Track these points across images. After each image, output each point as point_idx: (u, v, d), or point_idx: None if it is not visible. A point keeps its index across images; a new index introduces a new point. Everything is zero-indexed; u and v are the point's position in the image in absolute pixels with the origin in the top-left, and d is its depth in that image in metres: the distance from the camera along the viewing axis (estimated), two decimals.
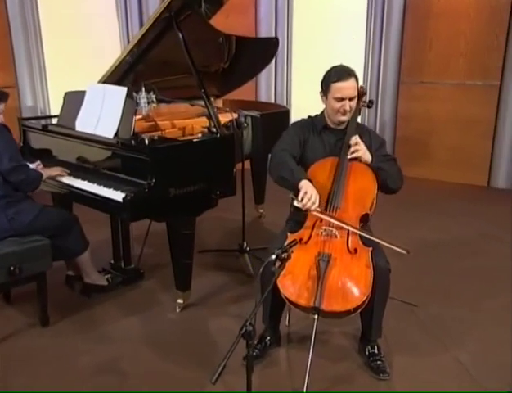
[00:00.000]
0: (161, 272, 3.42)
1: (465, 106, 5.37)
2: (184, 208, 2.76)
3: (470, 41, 5.24)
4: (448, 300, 3.10)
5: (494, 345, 2.66)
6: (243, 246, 3.59)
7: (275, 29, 5.86)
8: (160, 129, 3.35)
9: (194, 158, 2.78)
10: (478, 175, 5.44)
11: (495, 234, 4.14)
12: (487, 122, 5.31)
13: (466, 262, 3.63)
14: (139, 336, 2.77)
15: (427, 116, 5.54)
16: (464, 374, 2.42)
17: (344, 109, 2.42)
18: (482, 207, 4.83)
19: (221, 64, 3.88)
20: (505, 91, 5.17)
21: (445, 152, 5.54)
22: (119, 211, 2.65)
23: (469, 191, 5.28)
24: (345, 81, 2.38)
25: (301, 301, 2.19)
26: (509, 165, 5.29)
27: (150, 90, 3.46)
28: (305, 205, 2.23)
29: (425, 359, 2.53)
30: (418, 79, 5.53)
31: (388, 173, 2.45)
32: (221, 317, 2.92)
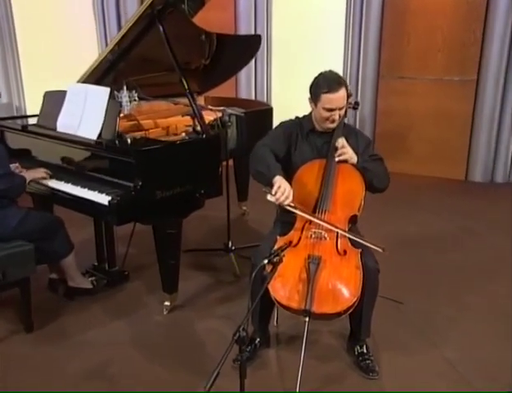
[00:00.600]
0: (146, 273, 3.39)
1: (443, 101, 5.43)
2: (171, 210, 2.72)
3: (448, 36, 5.29)
4: (432, 296, 3.14)
5: (478, 340, 2.71)
6: (228, 245, 3.57)
7: (254, 25, 5.82)
8: (143, 129, 3.31)
9: (180, 159, 2.75)
10: (456, 169, 5.52)
11: (473, 228, 4.21)
12: (464, 117, 5.39)
13: (447, 257, 3.69)
14: (127, 339, 2.73)
15: (406, 111, 5.59)
16: (451, 371, 2.45)
17: (333, 118, 2.42)
18: (461, 201, 4.91)
19: (202, 60, 3.84)
20: (481, 86, 5.24)
21: (424, 147, 5.60)
22: (105, 215, 2.61)
23: (448, 185, 5.35)
24: (335, 92, 2.37)
25: (292, 304, 2.20)
26: (485, 159, 5.38)
27: (132, 88, 3.42)
28: (278, 199, 2.21)
29: (413, 356, 2.56)
30: (397, 74, 5.57)
31: (373, 173, 2.46)
32: (208, 318, 2.90)
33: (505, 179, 5.39)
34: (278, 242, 2.32)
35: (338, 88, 2.39)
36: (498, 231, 4.13)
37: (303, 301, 2.16)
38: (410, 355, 2.57)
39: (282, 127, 2.60)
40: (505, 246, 3.86)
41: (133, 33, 3.13)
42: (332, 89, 2.39)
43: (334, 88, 2.39)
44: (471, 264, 3.57)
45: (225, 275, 3.38)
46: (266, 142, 2.49)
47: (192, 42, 3.60)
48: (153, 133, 3.24)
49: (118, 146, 2.69)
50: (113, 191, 2.61)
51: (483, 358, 2.56)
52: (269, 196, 2.22)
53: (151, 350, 2.65)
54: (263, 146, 2.45)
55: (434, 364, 2.50)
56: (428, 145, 5.57)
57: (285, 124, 2.62)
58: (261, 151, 2.42)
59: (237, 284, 3.28)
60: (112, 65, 3.35)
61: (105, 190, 2.65)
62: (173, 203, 2.71)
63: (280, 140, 2.52)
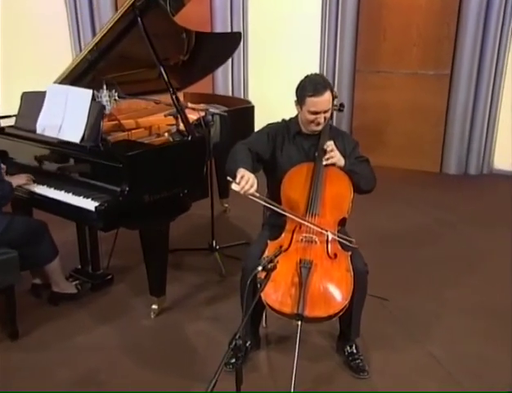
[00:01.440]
0: (130, 275, 3.36)
1: (419, 94, 5.50)
2: (158, 214, 2.70)
3: (423, 32, 5.35)
4: (414, 291, 3.21)
5: (460, 336, 2.78)
6: (213, 245, 3.56)
7: (230, 19, 5.78)
8: (125, 129, 3.25)
9: (167, 163, 2.72)
10: (431, 162, 5.61)
11: (449, 221, 4.30)
12: (438, 110, 5.47)
13: (425, 251, 3.76)
14: (115, 345, 2.71)
15: (382, 105, 5.64)
16: (437, 368, 2.52)
17: (318, 122, 2.43)
18: (436, 193, 5.00)
19: (180, 56, 3.80)
20: (455, 80, 5.32)
21: (399, 140, 5.67)
22: (92, 221, 2.56)
23: (423, 178, 5.44)
24: (320, 96, 2.38)
25: (284, 309, 2.21)
26: (459, 152, 5.48)
27: (112, 87, 3.36)
28: (243, 188, 2.20)
29: (400, 354, 2.61)
30: (373, 68, 5.61)
31: (361, 175, 2.49)
32: (196, 321, 2.89)
33: (477, 171, 5.51)
34: (269, 247, 2.32)
35: (323, 91, 2.40)
36: (473, 223, 4.23)
37: (295, 305, 2.17)
38: (398, 353, 2.62)
39: (268, 128, 2.60)
40: (479, 238, 3.96)
41: (114, 32, 3.07)
42: (317, 92, 2.39)
43: (319, 91, 2.39)
44: (449, 258, 3.65)
45: (211, 275, 3.38)
46: (246, 141, 2.51)
47: (171, 38, 3.56)
48: (135, 134, 3.19)
49: (104, 150, 2.64)
50: (99, 196, 2.57)
51: (466, 353, 2.63)
52: (233, 184, 2.20)
53: (141, 355, 2.63)
54: (241, 145, 2.48)
55: (421, 361, 2.56)
56: (403, 138, 5.64)
57: (271, 125, 2.62)
58: (237, 148, 2.44)
59: (223, 284, 3.28)
60: (91, 64, 3.29)
61: (90, 195, 2.60)
62: (161, 207, 2.69)
63: (263, 141, 2.53)
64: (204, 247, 3.60)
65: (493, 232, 4.06)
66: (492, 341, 2.72)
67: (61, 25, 5.82)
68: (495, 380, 2.43)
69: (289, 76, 5.83)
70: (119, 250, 3.39)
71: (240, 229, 4.10)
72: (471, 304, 3.06)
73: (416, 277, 3.38)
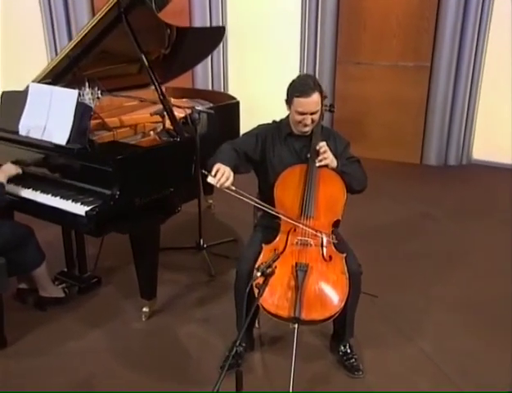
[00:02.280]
0: (118, 276, 3.34)
1: (399, 86, 5.55)
2: (149, 217, 2.69)
3: (402, 22, 5.38)
4: (401, 287, 3.27)
5: (448, 331, 2.86)
6: (200, 243, 3.56)
7: (209, 11, 5.72)
8: (109, 127, 3.20)
9: (157, 165, 2.71)
10: (411, 153, 5.69)
11: (432, 214, 4.38)
12: (419, 102, 5.54)
13: (411, 245, 3.83)
14: (107, 349, 2.70)
15: (363, 97, 5.68)
16: (429, 364, 2.59)
17: (305, 123, 2.45)
18: (418, 186, 5.08)
19: (161, 50, 3.75)
20: (435, 72, 5.38)
21: (380, 132, 5.73)
22: (81, 226, 2.53)
23: (404, 169, 5.52)
24: (307, 97, 2.39)
25: (280, 312, 2.23)
26: (439, 144, 5.57)
27: (94, 84, 3.31)
28: (219, 181, 2.22)
29: (392, 351, 2.67)
30: (354, 59, 5.64)
31: (352, 176, 2.52)
32: (188, 323, 2.90)
33: (457, 162, 5.61)
34: (264, 251, 2.34)
35: (310, 92, 2.41)
36: (455, 217, 4.32)
37: (291, 309, 2.20)
38: (390, 350, 2.68)
39: (257, 130, 2.61)
40: (461, 232, 4.04)
41: (98, 29, 3.02)
42: (304, 93, 2.40)
43: (307, 92, 2.41)
44: (434, 252, 3.73)
45: (200, 275, 3.38)
46: (233, 141, 2.54)
47: (153, 32, 3.51)
48: (121, 134, 3.15)
49: (92, 153, 2.60)
50: (88, 200, 2.54)
51: (455, 349, 2.70)
52: (209, 177, 2.22)
53: (134, 359, 2.63)
54: (226, 144, 2.51)
55: (413, 359, 2.62)
56: (384, 130, 5.70)
57: (261, 127, 2.63)
58: (221, 147, 2.47)
59: (213, 284, 3.29)
60: (72, 61, 3.23)
61: (79, 199, 2.57)
62: (151, 209, 2.67)
63: (251, 142, 2.54)
64: (192, 246, 3.59)
65: (475, 225, 4.15)
66: (479, 335, 2.81)
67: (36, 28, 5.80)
68: (484, 375, 2.51)
69: (270, 68, 5.92)
70: (105, 250, 3.35)
71: (227, 226, 4.10)
72: (457, 300, 3.14)
73: (403, 273, 3.44)
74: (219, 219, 4.23)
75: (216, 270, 3.38)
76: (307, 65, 5.75)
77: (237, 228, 4.01)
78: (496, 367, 2.57)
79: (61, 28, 5.79)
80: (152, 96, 4.00)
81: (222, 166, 2.26)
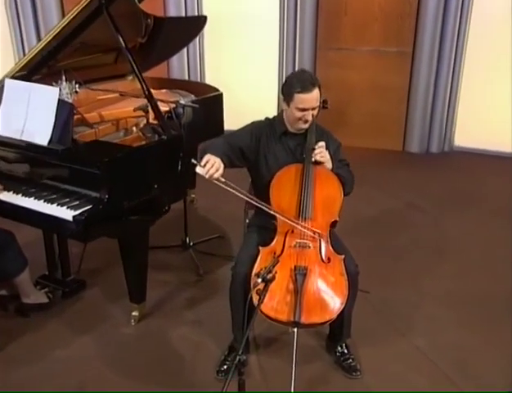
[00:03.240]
0: (103, 278, 3.31)
1: (380, 73, 5.59)
2: (138, 219, 2.66)
3: (384, 7, 5.41)
4: (392, 281, 3.34)
5: (440, 325, 2.93)
6: (186, 241, 3.55)
7: None
8: (89, 124, 3.15)
9: (145, 165, 2.68)
10: (394, 140, 5.76)
11: (418, 204, 4.46)
12: (401, 88, 5.59)
13: (399, 238, 3.91)
14: (97, 356, 2.69)
15: (344, 83, 5.70)
16: (425, 360, 2.66)
17: (306, 119, 2.45)
18: (402, 174, 5.16)
19: (138, 39, 3.69)
20: (417, 58, 5.44)
21: (362, 119, 5.77)
22: (69, 231, 2.49)
23: (387, 157, 5.59)
24: (309, 92, 2.40)
25: (280, 316, 2.25)
26: (421, 130, 5.65)
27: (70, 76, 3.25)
28: (208, 171, 2.22)
29: (388, 349, 2.74)
30: (334, 45, 5.64)
31: (345, 179, 2.55)
32: (179, 326, 2.90)
33: (439, 149, 5.72)
34: (262, 255, 2.35)
35: (311, 88, 2.42)
36: (441, 207, 4.41)
37: (291, 313, 2.22)
38: (386, 348, 2.74)
39: (252, 127, 2.60)
40: (449, 223, 4.14)
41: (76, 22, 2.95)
42: (306, 89, 2.41)
43: (308, 87, 2.41)
44: (423, 245, 3.81)
45: (187, 274, 3.37)
46: (227, 135, 2.55)
47: (129, 21, 3.45)
48: (103, 131, 3.10)
49: (78, 154, 2.56)
50: (74, 204, 2.50)
51: (448, 343, 2.79)
52: (198, 168, 2.21)
53: (125, 365, 2.63)
54: (221, 137, 2.52)
55: (409, 356, 2.69)
56: (366, 117, 5.74)
57: (256, 124, 2.62)
58: (214, 140, 2.48)
59: (202, 284, 3.29)
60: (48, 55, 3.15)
61: (64, 202, 2.53)
62: (140, 211, 2.65)
63: (246, 138, 2.54)
64: (177, 244, 3.58)
65: (462, 215, 4.24)
66: (470, 328, 2.90)
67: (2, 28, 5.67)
68: (479, 369, 2.60)
69: (247, 56, 5.88)
70: (88, 250, 3.32)
71: (211, 221, 4.10)
72: (448, 293, 3.23)
73: (392, 267, 3.51)
74: (203, 214, 4.22)
75: (204, 269, 3.38)
76: (286, 52, 5.74)
77: (222, 224, 4.01)
78: (491, 360, 2.66)
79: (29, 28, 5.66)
80: (129, 87, 3.97)
81: (212, 157, 2.26)
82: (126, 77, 3.95)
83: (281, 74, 5.90)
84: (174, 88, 4.13)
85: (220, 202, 4.21)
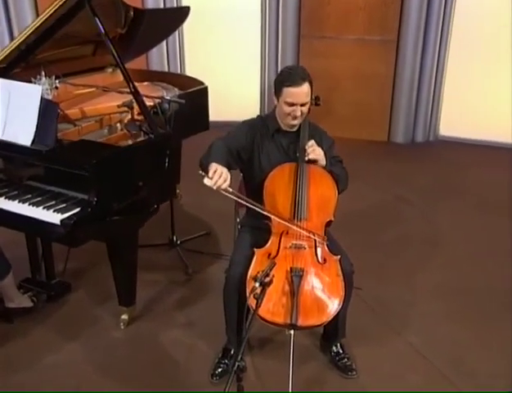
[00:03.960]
0: (88, 279, 3.30)
1: (365, 61, 5.62)
2: (127, 221, 2.65)
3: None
4: (383, 277, 3.39)
5: (433, 321, 3.00)
6: (173, 240, 3.55)
7: None
8: (71, 120, 3.11)
9: (134, 165, 2.67)
10: (379, 131, 5.82)
11: (406, 197, 4.52)
12: (385, 77, 5.64)
13: (388, 232, 3.96)
14: (87, 362, 2.68)
15: (328, 72, 5.71)
16: (420, 359, 2.71)
17: (295, 115, 2.46)
18: (389, 165, 5.21)
19: (118, 29, 3.65)
20: (402, 46, 5.49)
21: (347, 109, 5.80)
22: (56, 236, 2.46)
23: (372, 148, 5.64)
24: (298, 87, 2.40)
25: (276, 319, 2.27)
26: (406, 120, 5.71)
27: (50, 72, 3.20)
28: (216, 183, 2.21)
29: (382, 347, 2.79)
30: (318, 33, 5.65)
31: (339, 177, 2.57)
32: (171, 328, 2.91)
33: (424, 139, 5.79)
34: (257, 257, 2.36)
35: (301, 82, 2.43)
36: (428, 199, 4.48)
37: (288, 315, 2.24)
38: (380, 346, 2.79)
39: (245, 126, 2.59)
40: (437, 216, 4.21)
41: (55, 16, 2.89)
42: (295, 83, 2.42)
43: (297, 82, 2.42)
44: (412, 239, 3.88)
45: (176, 274, 3.37)
46: (224, 138, 2.51)
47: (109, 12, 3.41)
48: (86, 128, 3.06)
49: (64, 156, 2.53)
50: (61, 207, 2.48)
51: (443, 339, 2.85)
52: (206, 179, 2.21)
53: (117, 370, 2.63)
54: (218, 141, 2.48)
55: (404, 354, 2.75)
56: (350, 107, 5.78)
57: (249, 123, 2.62)
58: (213, 144, 2.44)
59: (191, 284, 3.30)
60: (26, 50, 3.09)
61: (51, 205, 2.50)
62: (129, 212, 2.64)
63: (243, 138, 2.53)
64: (164, 243, 3.58)
65: (450, 208, 4.32)
66: (464, 324, 2.96)
67: None
68: (474, 366, 2.66)
69: (229, 46, 5.84)
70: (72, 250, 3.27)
71: (197, 218, 4.09)
72: (439, 288, 3.29)
73: (384, 262, 3.56)
74: (188, 211, 4.20)
75: (192, 268, 3.39)
76: (268, 41, 5.74)
77: (209, 220, 4.02)
78: (487, 356, 2.73)
79: None
80: (110, 80, 3.93)
81: (218, 167, 2.23)
82: (105, 69, 3.91)
83: (264, 63, 5.90)
84: (156, 81, 4.10)
85: (205, 198, 4.17)
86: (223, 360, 2.60)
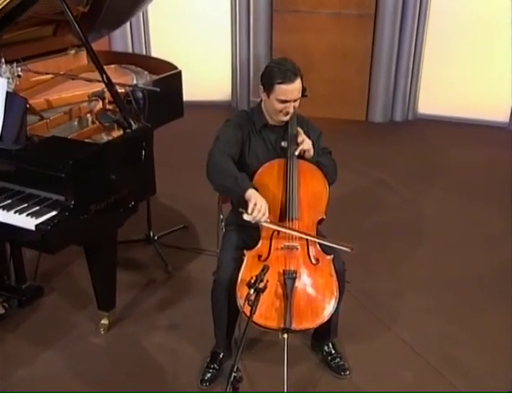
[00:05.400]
0: (61, 280, 3.27)
1: (342, 37, 5.64)
2: (106, 222, 2.63)
3: None
4: (370, 268, 3.45)
5: (422, 314, 3.09)
6: (150, 235, 3.53)
7: None
8: (36, 112, 3.03)
9: (113, 163, 2.62)
10: (357, 110, 5.88)
11: (387, 181, 4.61)
12: (363, 54, 5.67)
13: (373, 219, 4.05)
14: (66, 372, 2.66)
15: (303, 49, 5.71)
16: (411, 354, 2.80)
17: (287, 111, 2.46)
18: (366, 146, 5.29)
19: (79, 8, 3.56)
20: (380, 21, 5.52)
21: (323, 87, 5.79)
22: (31, 242, 2.42)
23: (349, 128, 5.69)
24: (291, 83, 2.40)
25: (269, 323, 2.31)
26: (385, 99, 5.78)
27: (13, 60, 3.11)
28: (255, 218, 2.27)
29: (373, 344, 2.86)
30: (292, 7, 5.62)
31: (328, 168, 2.60)
32: (153, 331, 2.91)
33: (403, 118, 5.88)
34: (248, 259, 2.37)
35: (294, 78, 2.43)
36: (408, 182, 4.59)
37: (281, 319, 2.29)
38: (371, 343, 2.87)
39: (232, 127, 2.56)
40: (419, 200, 4.32)
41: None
42: (287, 80, 2.41)
43: (290, 78, 2.42)
44: (396, 226, 3.96)
45: (155, 272, 3.37)
46: (222, 148, 2.47)
47: None
48: (54, 121, 2.99)
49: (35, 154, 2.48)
50: (34, 210, 2.42)
51: (433, 334, 2.94)
52: (245, 215, 2.27)
53: (101, 380, 2.62)
54: (221, 154, 2.44)
55: (395, 350, 2.83)
56: (327, 84, 5.79)
57: (235, 122, 2.58)
58: (220, 160, 2.41)
59: (172, 282, 3.30)
60: None
61: (23, 209, 2.44)
62: (109, 214, 2.61)
63: (232, 143, 2.51)
64: (140, 238, 3.56)
65: (432, 192, 4.43)
66: (452, 315, 3.07)
67: None
68: (468, 361, 2.76)
69: (198, 20, 5.75)
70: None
71: (173, 210, 4.07)
72: (425, 278, 3.39)
73: (371, 251, 3.62)
74: (163, 202, 4.17)
75: (171, 265, 3.38)
76: (239, 15, 5.69)
77: (185, 212, 4.01)
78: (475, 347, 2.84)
79: None
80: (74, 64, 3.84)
81: (257, 200, 2.27)
82: (68, 52, 3.82)
83: (235, 39, 5.84)
84: (124, 63, 4.02)
85: (180, 188, 4.20)
86: (212, 365, 2.63)
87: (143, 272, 3.38)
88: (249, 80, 5.92)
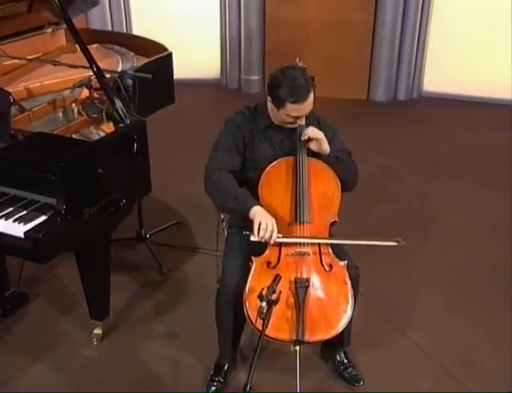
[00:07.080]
0: (46, 286, 3.26)
1: (340, 8, 5.61)
2: (100, 226, 2.62)
3: None
4: (379, 266, 3.46)
5: (437, 316, 3.14)
6: (141, 234, 3.53)
7: None
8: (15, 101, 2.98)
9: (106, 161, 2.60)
10: (357, 88, 5.88)
11: (390, 167, 4.66)
12: (364, 28, 5.65)
13: (379, 210, 4.10)
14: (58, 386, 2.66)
15: (298, 22, 5.69)
16: (427, 360, 2.85)
17: (299, 123, 2.48)
18: (368, 128, 5.31)
19: None
20: None
21: (320, 64, 5.73)
22: (20, 251, 2.40)
23: (349, 108, 5.69)
24: (304, 102, 2.40)
25: (281, 335, 2.33)
26: (388, 76, 5.78)
27: None
28: (263, 238, 2.30)
29: (387, 349, 2.91)
30: None
31: (347, 164, 2.63)
32: (150, 340, 2.93)
33: (407, 96, 5.89)
34: (257, 266, 2.37)
35: (306, 96, 2.41)
36: (414, 168, 4.64)
37: (293, 331, 2.31)
38: (384, 348, 2.91)
39: (232, 132, 2.55)
40: (426, 188, 4.37)
41: None
42: (300, 99, 2.40)
43: (303, 97, 2.40)
44: (403, 218, 4.00)
45: (149, 274, 3.38)
46: (219, 165, 2.47)
47: None
48: (37, 113, 2.96)
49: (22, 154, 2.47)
50: (22, 215, 2.41)
51: (448, 336, 3.00)
52: (252, 237, 2.30)
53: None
54: (218, 172, 2.45)
55: (409, 355, 2.88)
56: (324, 61, 5.76)
57: (235, 124, 2.57)
58: (218, 180, 2.42)
59: (167, 285, 3.31)
60: None
61: (8, 214, 2.42)
62: (103, 216, 2.60)
63: (233, 152, 2.52)
64: (131, 237, 3.55)
65: (440, 179, 4.48)
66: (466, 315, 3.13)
67: None
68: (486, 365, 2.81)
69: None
70: None
71: (164, 204, 4.06)
72: (437, 274, 3.45)
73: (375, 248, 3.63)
74: (154, 197, 4.12)
75: (166, 265, 3.39)
76: None
77: (177, 207, 4.01)
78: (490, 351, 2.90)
79: None
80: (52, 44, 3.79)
81: (262, 219, 2.29)
82: (45, 30, 3.76)
83: (224, 10, 5.78)
84: (107, 43, 3.97)
85: (170, 178, 4.18)
86: (216, 378, 2.65)
87: (136, 274, 3.39)
88: (240, 57, 5.88)
